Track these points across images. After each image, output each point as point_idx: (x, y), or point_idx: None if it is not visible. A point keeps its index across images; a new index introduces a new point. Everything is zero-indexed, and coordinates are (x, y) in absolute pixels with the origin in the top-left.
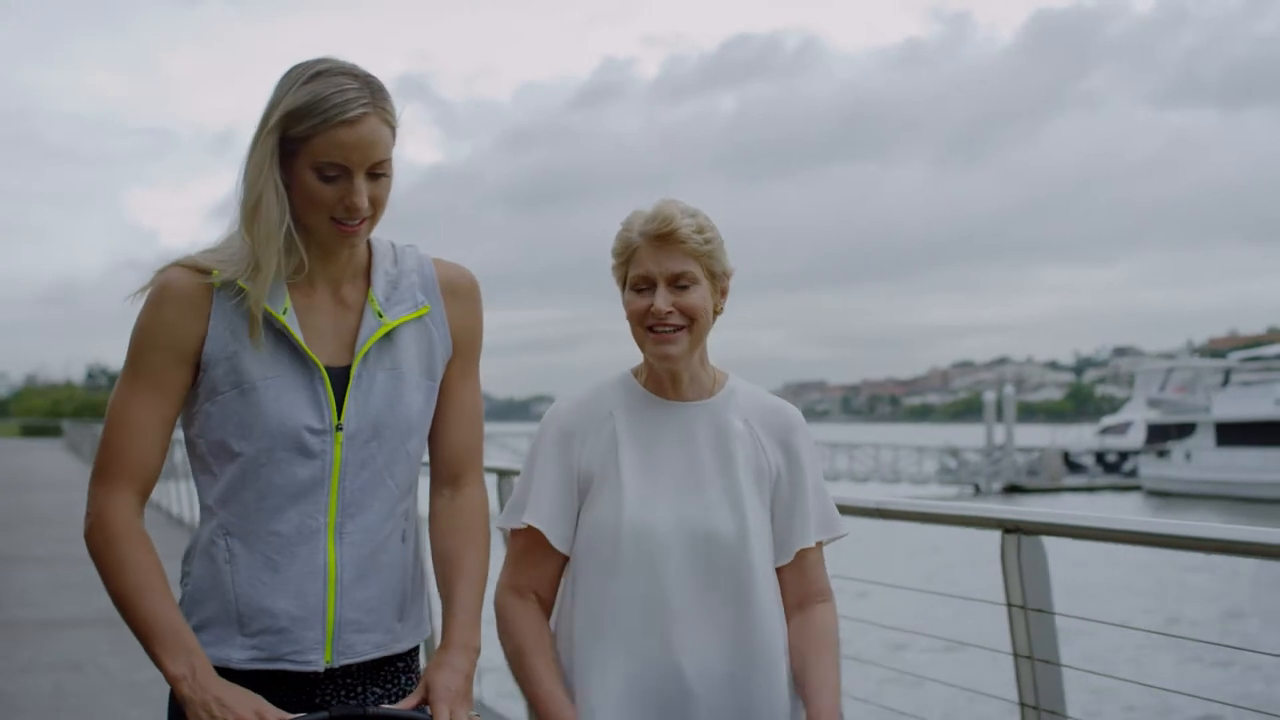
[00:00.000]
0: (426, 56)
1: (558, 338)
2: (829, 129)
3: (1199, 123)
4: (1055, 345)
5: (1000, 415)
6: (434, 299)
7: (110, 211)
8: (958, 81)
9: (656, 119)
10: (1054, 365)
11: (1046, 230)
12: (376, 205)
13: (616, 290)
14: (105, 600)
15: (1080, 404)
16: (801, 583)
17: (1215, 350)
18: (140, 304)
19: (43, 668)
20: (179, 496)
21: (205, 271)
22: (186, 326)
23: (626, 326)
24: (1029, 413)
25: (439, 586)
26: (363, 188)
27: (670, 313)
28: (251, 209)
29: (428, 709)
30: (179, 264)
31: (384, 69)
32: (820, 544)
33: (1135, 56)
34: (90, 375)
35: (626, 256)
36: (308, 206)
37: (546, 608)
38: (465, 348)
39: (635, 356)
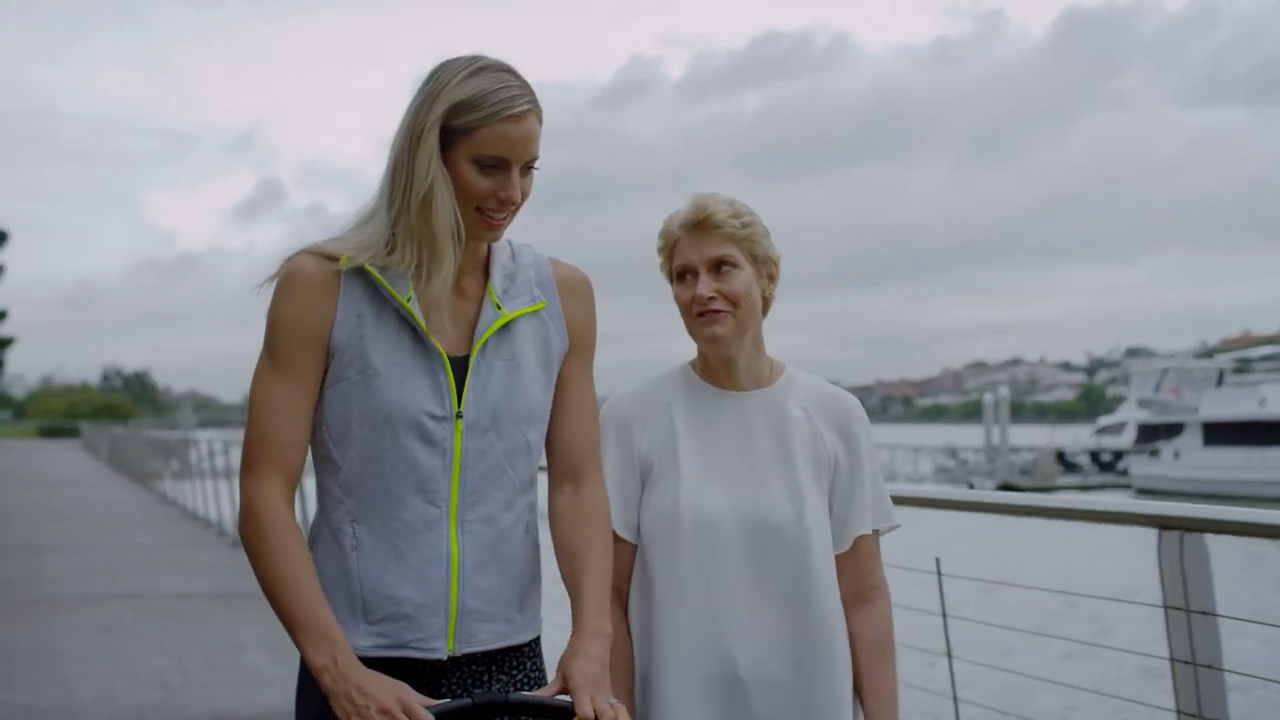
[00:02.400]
0: (445, 55)
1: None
2: (854, 129)
3: (1226, 121)
4: (1073, 345)
5: (997, 416)
6: (550, 295)
7: (128, 212)
8: (985, 80)
9: (680, 119)
10: (1066, 366)
11: (1068, 231)
12: (523, 199)
13: (636, 292)
14: (130, 577)
15: (1092, 404)
16: (858, 573)
17: (1213, 351)
18: (268, 295)
19: (78, 632)
20: (219, 500)
21: (333, 258)
22: (317, 311)
23: (646, 328)
24: (1041, 413)
25: (564, 579)
26: (518, 181)
27: (713, 298)
28: (424, 200)
29: (567, 696)
30: (306, 251)
31: (401, 68)
32: (877, 534)
33: (1165, 55)
34: (105, 377)
35: (669, 250)
36: (460, 196)
37: (624, 603)
38: (581, 344)
39: (656, 355)
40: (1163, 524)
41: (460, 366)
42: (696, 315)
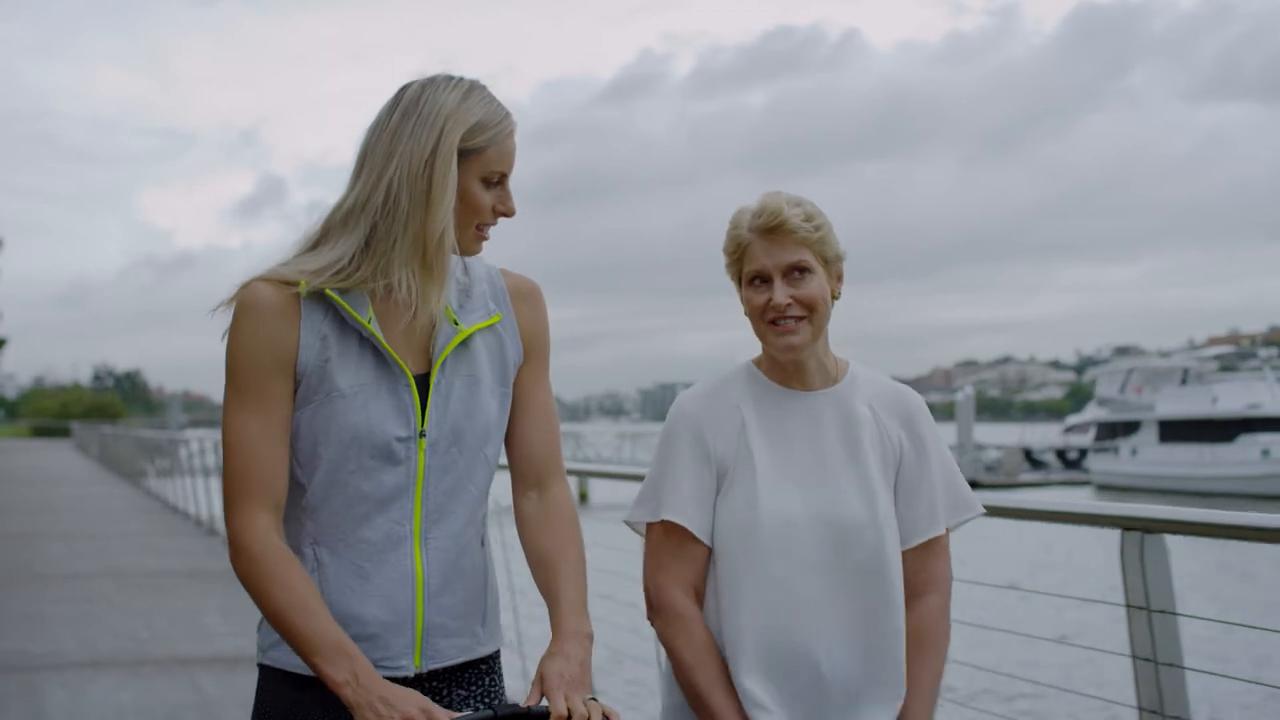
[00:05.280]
0: (446, 55)
1: (577, 337)
2: (863, 125)
3: (1237, 118)
4: (1067, 343)
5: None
6: (504, 307)
7: (125, 211)
8: (995, 77)
9: (687, 115)
10: (1056, 364)
11: (1074, 228)
12: None
13: (640, 289)
14: (113, 559)
15: (1079, 402)
16: (923, 568)
17: (1172, 353)
18: (226, 323)
19: (65, 600)
20: (196, 495)
21: (290, 283)
22: (279, 338)
23: (648, 326)
24: (1030, 411)
25: (539, 586)
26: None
27: (789, 305)
28: (441, 235)
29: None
30: (262, 278)
31: (403, 67)
32: (946, 532)
33: (1176, 52)
34: (97, 377)
35: (739, 254)
36: (465, 214)
37: (700, 600)
38: (536, 351)
39: (659, 353)
40: (1124, 524)
41: (420, 385)
42: (770, 322)
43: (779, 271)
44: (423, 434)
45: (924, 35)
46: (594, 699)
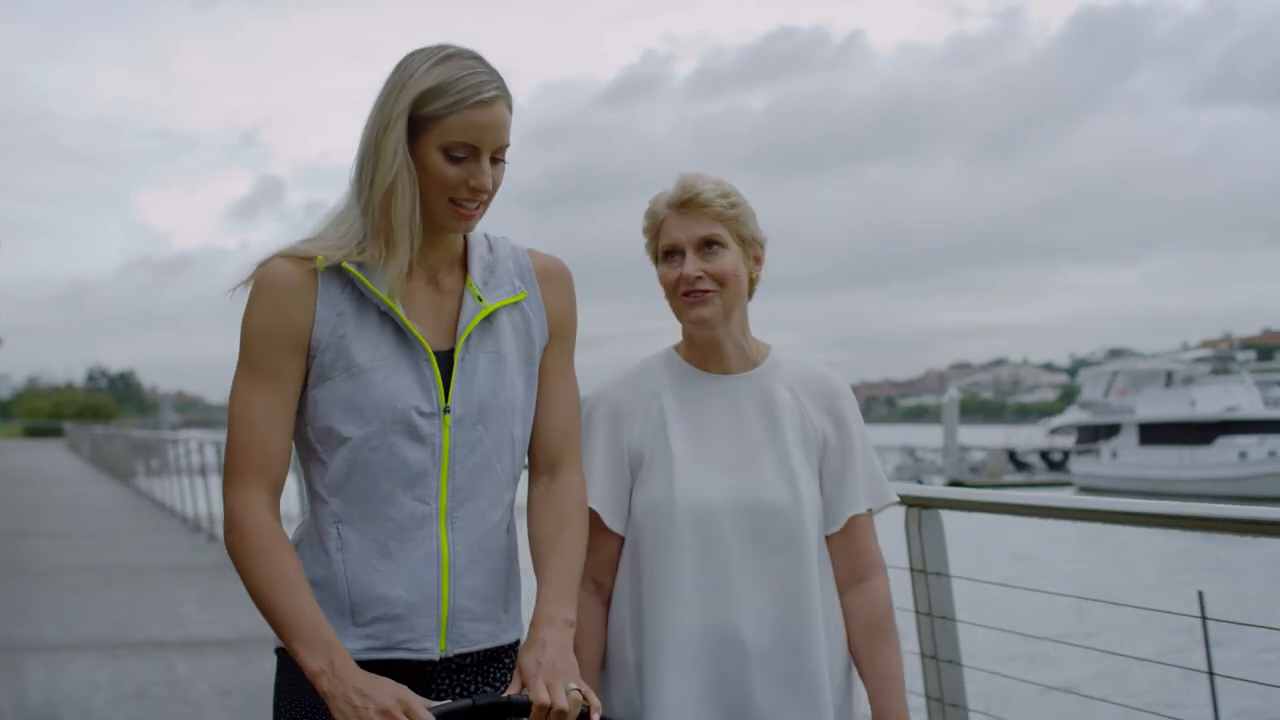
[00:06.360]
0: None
1: (580, 339)
2: (866, 127)
3: (1239, 121)
4: (1064, 346)
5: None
6: (530, 285)
7: (123, 213)
8: (998, 79)
9: (689, 116)
10: (1049, 367)
11: (1073, 231)
12: (495, 189)
13: (643, 291)
14: (99, 554)
15: (1071, 404)
16: (853, 551)
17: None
18: (243, 300)
19: (50, 592)
20: (183, 493)
21: (307, 259)
22: (294, 315)
23: (651, 327)
24: (1023, 413)
25: (535, 569)
26: (488, 169)
27: (700, 277)
28: (387, 192)
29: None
30: (280, 255)
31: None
32: (870, 512)
33: (1179, 55)
34: (91, 377)
35: (655, 230)
36: (431, 188)
37: (605, 595)
38: (562, 334)
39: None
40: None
41: (444, 361)
42: (682, 295)
43: (691, 245)
44: (447, 410)
45: (927, 37)
46: (576, 688)
